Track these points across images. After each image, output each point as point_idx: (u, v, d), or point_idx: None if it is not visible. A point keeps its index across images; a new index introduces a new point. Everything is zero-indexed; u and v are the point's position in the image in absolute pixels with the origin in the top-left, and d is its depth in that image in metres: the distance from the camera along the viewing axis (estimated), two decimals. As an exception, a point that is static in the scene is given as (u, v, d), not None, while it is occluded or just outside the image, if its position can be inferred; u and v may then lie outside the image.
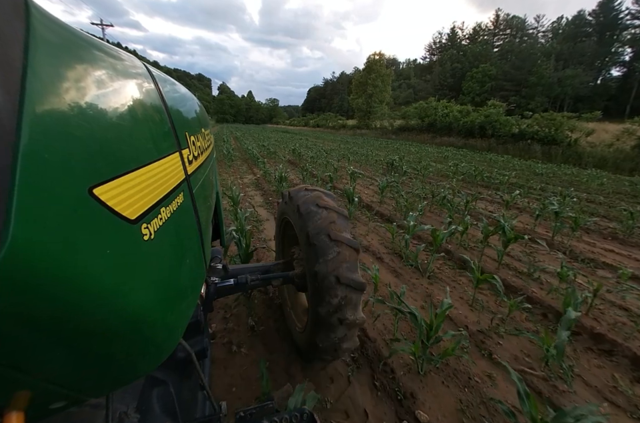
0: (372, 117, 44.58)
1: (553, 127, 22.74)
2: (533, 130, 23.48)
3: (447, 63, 69.88)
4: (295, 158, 11.65)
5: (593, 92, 55.61)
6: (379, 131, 40.25)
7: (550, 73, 55.07)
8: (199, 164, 1.07)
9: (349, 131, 45.79)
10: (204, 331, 1.27)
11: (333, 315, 1.44)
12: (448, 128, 30.01)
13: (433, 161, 13.68)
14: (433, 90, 69.94)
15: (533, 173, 11.31)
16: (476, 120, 26.33)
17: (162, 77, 0.93)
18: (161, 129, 0.74)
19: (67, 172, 0.40)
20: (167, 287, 0.65)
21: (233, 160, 10.66)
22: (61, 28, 0.47)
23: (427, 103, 33.54)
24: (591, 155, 18.88)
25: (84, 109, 0.45)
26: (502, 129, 25.39)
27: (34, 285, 0.36)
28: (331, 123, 58.77)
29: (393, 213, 5.52)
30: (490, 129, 25.72)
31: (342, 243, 1.48)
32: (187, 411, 1.09)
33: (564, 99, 56.02)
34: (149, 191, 0.59)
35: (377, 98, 44.04)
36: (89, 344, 0.47)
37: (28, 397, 0.44)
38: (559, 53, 59.41)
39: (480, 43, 72.49)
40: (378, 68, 44.75)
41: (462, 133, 28.07)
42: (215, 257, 1.71)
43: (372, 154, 14.55)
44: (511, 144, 24.13)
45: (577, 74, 53.07)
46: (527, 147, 22.68)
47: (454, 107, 31.17)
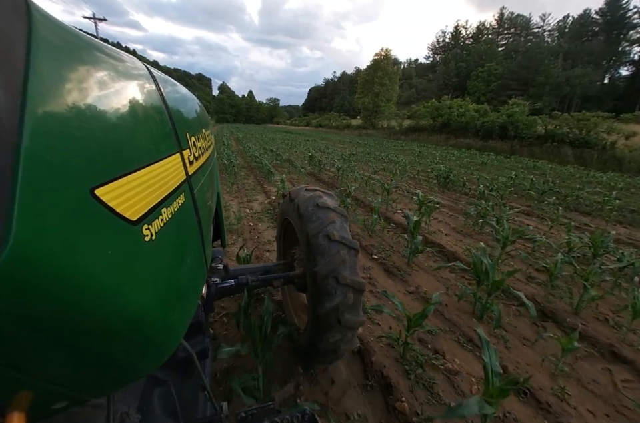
0: (378, 116, 41.88)
1: (585, 128, 20.33)
2: (562, 132, 21.04)
3: (450, 62, 67.28)
4: (314, 168, 9.11)
5: (600, 91, 53.29)
6: (386, 132, 37.66)
7: (558, 72, 52.74)
8: (199, 165, 1.05)
9: (353, 132, 43.09)
10: (205, 331, 1.25)
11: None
12: (464, 128, 27.49)
13: (474, 169, 11.18)
14: (437, 89, 67.53)
15: (609, 187, 8.78)
16: (497, 120, 23.79)
17: (163, 77, 0.91)
18: (161, 129, 0.73)
19: (68, 173, 0.40)
20: (168, 287, 0.64)
21: (237, 171, 8.10)
22: (62, 29, 0.47)
23: (439, 101, 30.97)
24: (632, 160, 16.42)
25: (85, 110, 0.44)
26: (526, 130, 22.93)
27: (35, 286, 0.35)
28: (335, 122, 56.05)
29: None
30: (512, 129, 23.24)
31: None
32: (187, 412, 1.06)
33: (572, 98, 53.68)
34: (150, 192, 0.57)
35: (384, 97, 41.27)
36: (90, 344, 0.47)
37: (29, 398, 0.44)
38: (566, 52, 56.99)
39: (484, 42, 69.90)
40: (385, 66, 41.93)
41: (480, 134, 25.57)
42: (215, 257, 1.71)
43: (398, 160, 12.02)
44: (536, 147, 21.70)
45: (586, 73, 50.74)
46: (556, 151, 20.25)
47: (470, 106, 28.62)
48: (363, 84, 43.64)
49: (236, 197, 5.90)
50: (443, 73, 67.40)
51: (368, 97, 42.28)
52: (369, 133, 39.14)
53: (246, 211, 5.06)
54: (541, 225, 5.01)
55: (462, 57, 67.44)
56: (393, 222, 4.83)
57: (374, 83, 41.44)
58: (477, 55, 65.31)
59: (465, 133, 27.45)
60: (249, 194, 6.18)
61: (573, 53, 57.18)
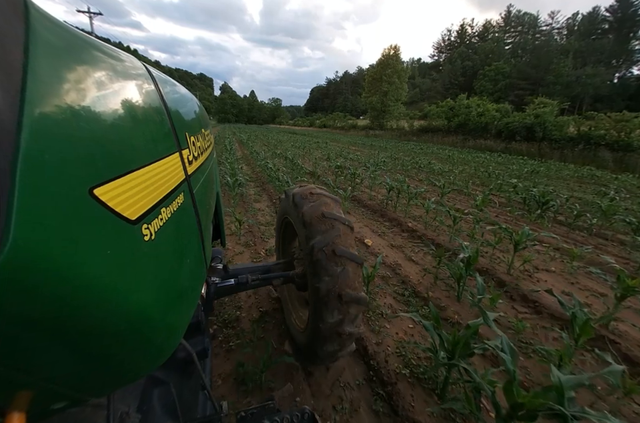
0: (387, 116, 39.39)
1: (625, 129, 18.03)
2: (598, 133, 18.73)
3: (457, 61, 64.68)
4: (345, 182, 6.84)
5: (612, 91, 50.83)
6: (396, 132, 35.26)
7: (568, 71, 50.29)
8: (199, 164, 1.04)
9: (360, 132, 40.66)
10: (205, 331, 1.23)
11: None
12: (483, 129, 25.13)
13: (533, 180, 8.90)
14: (442, 89, 65.04)
15: None
16: (524, 120, 21.43)
17: (162, 77, 0.89)
18: (161, 129, 0.72)
19: (67, 173, 0.39)
20: (168, 287, 0.63)
21: (244, 191, 5.81)
22: (60, 29, 0.46)
23: (455, 100, 28.59)
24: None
25: (84, 109, 0.44)
26: (555, 131, 20.62)
27: (35, 286, 0.35)
28: (340, 123, 53.52)
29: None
30: (540, 131, 20.91)
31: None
32: (187, 411, 1.04)
33: (583, 98, 51.16)
34: (149, 192, 0.57)
35: (393, 96, 38.68)
36: (90, 344, 0.46)
37: (29, 398, 0.44)
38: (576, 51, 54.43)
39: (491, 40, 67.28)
40: (394, 63, 39.30)
41: (502, 136, 23.23)
42: (215, 257, 1.72)
43: (436, 168, 9.74)
44: (568, 149, 19.40)
45: (598, 72, 48.31)
46: (592, 154, 17.97)
47: (488, 105, 26.24)
48: (371, 82, 40.81)
49: (245, 246, 3.62)
50: (449, 72, 64.81)
51: (376, 96, 39.59)
52: (376, 133, 36.71)
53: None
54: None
55: (468, 56, 64.85)
56: (517, 294, 2.59)
57: (382, 82, 38.77)
58: (484, 54, 62.80)
59: (484, 134, 25.11)
60: (267, 235, 3.91)
61: (584, 51, 54.67)
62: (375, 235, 4.14)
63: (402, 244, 3.84)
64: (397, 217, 4.77)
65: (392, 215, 4.89)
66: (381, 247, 3.74)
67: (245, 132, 30.87)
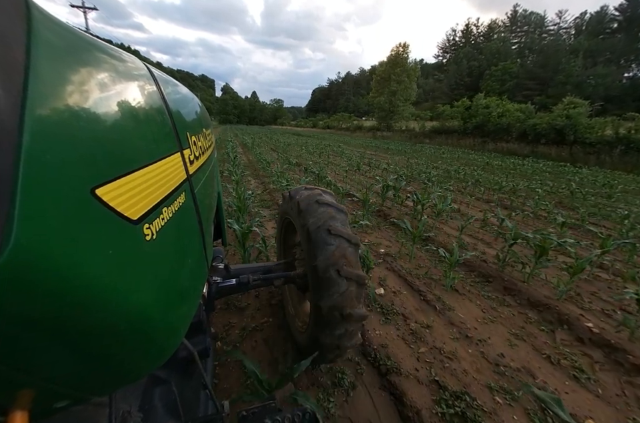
0: (396, 117, 37.11)
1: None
2: (640, 136, 16.61)
3: (462, 61, 62.37)
4: (394, 208, 4.70)
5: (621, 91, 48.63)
6: (405, 134, 33.04)
7: (579, 72, 48.08)
8: (200, 164, 1.02)
9: (366, 134, 38.42)
10: (206, 330, 1.21)
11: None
12: (504, 131, 22.96)
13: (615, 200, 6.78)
14: (447, 89, 62.76)
15: None
16: (554, 121, 19.27)
17: (163, 77, 0.88)
18: (162, 129, 0.71)
19: (69, 173, 0.39)
20: (169, 287, 0.62)
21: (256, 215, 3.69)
22: (62, 29, 0.45)
23: (471, 100, 26.41)
24: None
25: (86, 110, 0.43)
26: (586, 133, 18.48)
27: (37, 286, 0.35)
28: (344, 124, 51.24)
29: None
30: (571, 133, 18.76)
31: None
32: (189, 411, 1.03)
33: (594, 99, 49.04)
34: (150, 192, 0.56)
35: (402, 96, 36.34)
36: (91, 344, 0.46)
37: (31, 397, 0.43)
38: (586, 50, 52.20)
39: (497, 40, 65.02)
40: (403, 61, 36.98)
41: (527, 138, 21.09)
42: (216, 256, 1.69)
43: (488, 179, 7.62)
44: (606, 154, 17.28)
45: (609, 72, 46.11)
46: (635, 160, 15.86)
47: (509, 106, 24.05)
48: (378, 82, 38.47)
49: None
50: (455, 72, 62.54)
51: (384, 96, 37.31)
52: (384, 135, 34.46)
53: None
54: None
55: (474, 56, 62.54)
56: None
57: (391, 81, 36.45)
58: (490, 54, 60.46)
59: (505, 136, 22.97)
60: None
61: (593, 50, 52.45)
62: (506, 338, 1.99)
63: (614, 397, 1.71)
64: (549, 302, 2.59)
65: (527, 291, 2.74)
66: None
67: (249, 134, 28.56)
